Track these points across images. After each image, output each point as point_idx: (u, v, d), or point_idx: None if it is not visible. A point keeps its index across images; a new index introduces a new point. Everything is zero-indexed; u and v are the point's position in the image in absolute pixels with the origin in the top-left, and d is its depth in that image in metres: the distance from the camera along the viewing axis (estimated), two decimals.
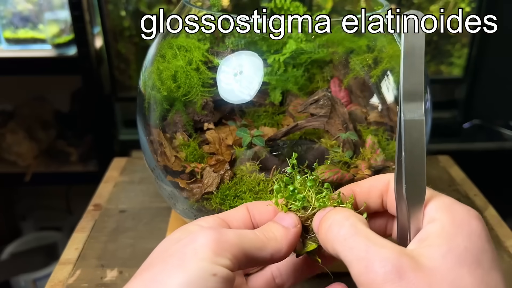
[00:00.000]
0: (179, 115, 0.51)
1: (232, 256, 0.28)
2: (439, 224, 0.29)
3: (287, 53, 0.50)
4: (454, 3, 1.24)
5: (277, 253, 0.31)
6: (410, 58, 0.29)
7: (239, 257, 0.29)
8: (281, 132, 0.48)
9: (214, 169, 0.49)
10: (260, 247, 0.30)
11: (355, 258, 0.28)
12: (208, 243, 0.28)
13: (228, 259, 0.28)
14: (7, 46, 1.23)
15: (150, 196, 0.73)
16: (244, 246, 0.29)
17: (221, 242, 0.28)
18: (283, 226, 0.32)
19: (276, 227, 0.32)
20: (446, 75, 1.34)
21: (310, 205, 0.33)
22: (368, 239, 0.28)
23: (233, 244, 0.29)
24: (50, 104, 1.43)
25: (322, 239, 0.32)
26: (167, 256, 0.29)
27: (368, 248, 0.28)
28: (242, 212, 0.34)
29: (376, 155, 0.47)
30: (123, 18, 1.23)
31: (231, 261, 0.28)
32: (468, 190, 0.75)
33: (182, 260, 0.27)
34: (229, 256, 0.28)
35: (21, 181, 1.32)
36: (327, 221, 0.31)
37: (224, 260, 0.28)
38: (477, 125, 1.36)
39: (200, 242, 0.28)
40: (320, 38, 0.53)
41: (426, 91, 0.53)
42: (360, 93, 0.53)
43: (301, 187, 0.34)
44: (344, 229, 0.29)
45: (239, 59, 0.48)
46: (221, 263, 0.28)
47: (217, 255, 0.28)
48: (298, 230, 0.33)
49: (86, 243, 0.63)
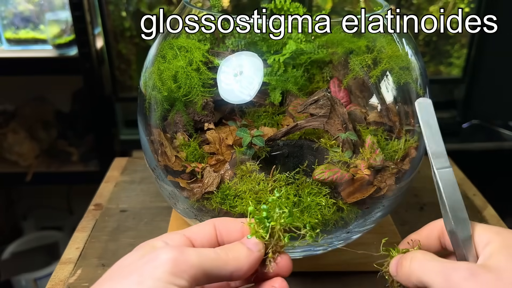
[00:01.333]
0: (180, 115, 0.51)
1: (190, 276, 0.30)
2: (495, 244, 0.36)
3: (287, 53, 0.50)
4: (453, 4, 1.24)
5: (237, 272, 0.33)
6: (429, 130, 0.39)
7: (198, 276, 0.31)
8: (281, 132, 0.48)
9: (214, 169, 0.49)
10: (221, 265, 0.32)
11: (435, 275, 0.34)
12: (167, 263, 0.30)
13: (184, 280, 0.30)
14: (8, 46, 1.23)
15: (151, 195, 0.74)
16: (204, 266, 0.31)
17: (180, 262, 0.30)
18: (248, 248, 0.34)
19: (240, 248, 0.34)
20: (445, 75, 1.34)
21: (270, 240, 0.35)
22: (443, 261, 0.35)
23: (193, 264, 0.31)
24: (51, 104, 1.44)
25: (406, 273, 0.37)
26: (127, 271, 0.31)
27: (445, 265, 0.35)
28: (208, 229, 0.36)
29: (375, 155, 0.47)
30: (124, 18, 1.23)
31: (187, 282, 0.30)
32: (467, 190, 0.75)
33: (141, 277, 0.30)
34: (186, 277, 0.30)
35: (22, 180, 1.32)
36: (408, 260, 0.38)
37: (180, 281, 0.30)
38: (476, 125, 1.37)
39: (159, 261, 0.30)
40: (320, 39, 0.53)
41: (426, 91, 0.53)
42: (359, 93, 0.53)
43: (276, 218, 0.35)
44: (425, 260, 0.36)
45: (239, 60, 0.49)
46: (177, 283, 0.30)
47: (174, 276, 0.30)
48: (261, 254, 0.34)
49: (87, 242, 0.63)
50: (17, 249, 1.44)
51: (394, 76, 0.51)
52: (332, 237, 0.51)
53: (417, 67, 0.53)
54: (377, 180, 0.49)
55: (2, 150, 1.35)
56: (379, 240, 0.62)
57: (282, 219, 0.34)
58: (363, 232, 0.54)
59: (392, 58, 0.51)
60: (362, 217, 0.50)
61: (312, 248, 0.52)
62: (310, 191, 0.46)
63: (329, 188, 0.46)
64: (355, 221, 0.50)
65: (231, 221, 0.36)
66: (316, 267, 0.57)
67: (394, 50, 0.51)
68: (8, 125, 1.36)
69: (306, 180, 0.46)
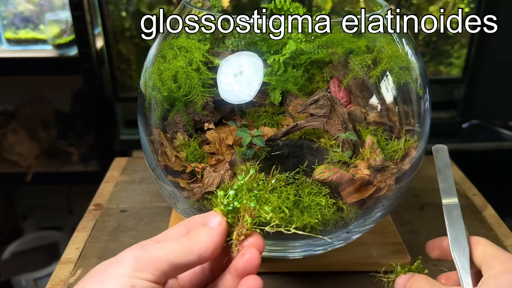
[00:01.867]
0: (180, 115, 0.51)
1: (155, 269, 0.31)
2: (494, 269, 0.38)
3: (286, 53, 0.50)
4: (453, 4, 1.24)
5: (204, 253, 0.33)
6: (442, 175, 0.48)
7: (164, 268, 0.32)
8: (281, 132, 0.49)
9: (214, 169, 0.49)
10: (186, 253, 0.33)
11: None
12: (129, 261, 0.31)
13: (149, 273, 0.31)
14: (8, 46, 1.23)
15: (151, 195, 0.74)
16: (168, 258, 0.32)
17: (142, 258, 0.31)
18: (209, 227, 0.34)
19: (201, 229, 0.34)
20: (445, 75, 1.34)
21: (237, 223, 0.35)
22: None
23: (155, 258, 0.32)
24: (51, 104, 1.44)
25: None
26: (95, 274, 0.32)
27: None
28: (176, 230, 0.37)
29: (375, 155, 0.47)
30: (124, 18, 1.23)
31: (153, 275, 0.31)
32: (467, 190, 0.75)
33: (106, 277, 0.31)
34: (150, 270, 0.31)
35: (22, 180, 1.32)
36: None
37: (144, 274, 0.31)
38: (476, 125, 1.37)
39: (122, 261, 0.32)
40: (320, 39, 0.53)
41: (426, 91, 0.53)
42: (359, 93, 0.53)
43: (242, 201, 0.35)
44: None
45: (239, 60, 0.49)
46: (141, 276, 0.31)
47: (137, 271, 0.31)
48: (223, 228, 0.34)
49: (87, 242, 0.63)
50: (17, 249, 1.45)
51: (394, 76, 0.51)
52: (332, 237, 0.51)
53: (417, 67, 0.53)
54: (377, 180, 0.49)
55: (2, 150, 1.35)
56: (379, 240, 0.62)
57: (250, 202, 0.34)
58: (363, 232, 0.54)
59: (392, 58, 0.51)
60: (362, 217, 0.50)
61: (312, 248, 0.52)
62: (310, 191, 0.46)
63: (329, 188, 0.46)
64: (355, 221, 0.50)
65: (200, 216, 0.37)
66: (316, 267, 0.57)
67: (394, 50, 0.51)
68: (8, 125, 1.36)
69: (306, 180, 0.46)
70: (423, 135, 0.53)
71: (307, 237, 0.49)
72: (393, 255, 0.58)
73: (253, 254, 0.33)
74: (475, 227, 0.67)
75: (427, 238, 0.63)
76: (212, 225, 0.34)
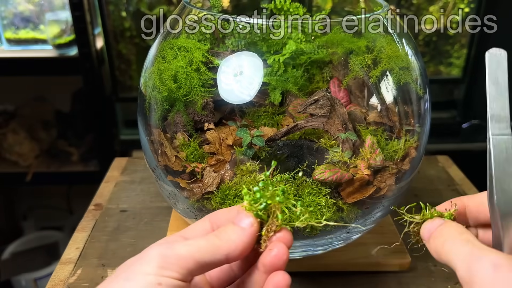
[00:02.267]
0: (180, 115, 0.51)
1: (181, 268, 0.30)
2: None
3: (286, 53, 0.50)
4: (453, 4, 1.24)
5: (232, 253, 0.32)
6: (495, 88, 0.34)
7: (190, 266, 0.31)
8: (281, 132, 0.49)
9: (214, 169, 0.49)
10: (213, 251, 0.32)
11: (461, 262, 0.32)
12: (155, 258, 0.31)
13: (175, 272, 0.30)
14: (8, 46, 1.23)
15: (151, 195, 0.74)
16: (195, 255, 0.31)
17: (168, 256, 0.31)
18: (240, 227, 0.33)
19: (231, 228, 0.33)
20: (445, 75, 1.34)
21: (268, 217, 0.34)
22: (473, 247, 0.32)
23: (182, 256, 0.31)
24: (51, 104, 1.44)
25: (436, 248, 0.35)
26: (121, 271, 0.31)
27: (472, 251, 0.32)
28: (201, 225, 0.36)
29: (375, 155, 0.47)
30: (124, 18, 1.23)
31: (178, 273, 0.30)
32: (467, 190, 0.75)
33: (130, 274, 0.30)
34: (176, 268, 0.30)
35: (22, 181, 1.32)
36: (442, 237, 0.35)
37: (170, 273, 0.30)
38: (476, 125, 1.37)
39: (148, 258, 0.31)
40: (320, 39, 0.53)
41: (426, 91, 0.53)
42: (359, 93, 0.53)
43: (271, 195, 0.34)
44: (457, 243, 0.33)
45: (239, 60, 0.49)
46: (167, 275, 0.30)
47: (163, 269, 0.30)
48: (255, 229, 0.33)
49: (87, 242, 0.63)
50: (17, 249, 1.45)
51: (394, 76, 0.51)
52: (332, 237, 0.51)
53: (417, 67, 0.53)
54: (377, 180, 0.49)
55: (2, 150, 1.35)
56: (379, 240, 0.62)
57: (277, 197, 0.34)
58: (363, 232, 0.54)
59: (392, 58, 0.51)
60: (362, 217, 0.50)
61: (312, 248, 0.52)
62: (310, 191, 0.46)
63: (329, 188, 0.46)
64: (355, 221, 0.50)
65: (225, 211, 0.36)
66: (316, 267, 0.57)
67: (394, 50, 0.51)
68: (8, 125, 1.36)
69: (306, 180, 0.46)
70: (423, 135, 0.53)
71: (307, 237, 0.49)
72: (393, 255, 0.58)
73: (281, 249, 0.33)
74: None
75: None
76: (244, 225, 0.33)
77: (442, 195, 0.74)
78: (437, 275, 0.58)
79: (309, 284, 0.57)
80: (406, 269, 0.58)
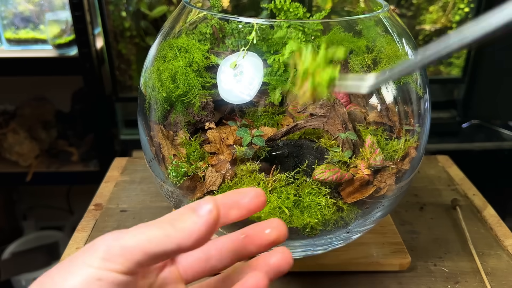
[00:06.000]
0: (180, 116, 0.51)
1: (125, 259, 0.28)
2: None
3: (286, 53, 0.50)
4: (453, 3, 1.24)
5: (184, 243, 0.29)
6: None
7: (137, 258, 0.28)
8: (281, 132, 0.49)
9: (215, 168, 0.49)
10: (164, 241, 0.29)
11: None
12: (100, 249, 0.29)
13: (119, 264, 0.28)
14: (8, 46, 1.23)
15: (151, 195, 0.74)
16: (142, 246, 0.28)
17: (113, 247, 0.29)
18: (196, 214, 0.29)
19: (189, 216, 0.29)
20: (445, 75, 1.34)
21: None
22: None
23: (127, 247, 0.28)
24: (51, 104, 1.44)
25: None
26: (66, 262, 0.30)
27: None
28: (175, 212, 0.32)
29: (375, 154, 0.48)
30: (124, 18, 1.23)
31: (123, 266, 0.28)
32: (467, 190, 0.75)
33: (75, 266, 0.29)
34: (120, 260, 0.28)
35: (23, 180, 1.32)
36: None
37: (114, 265, 0.28)
38: (476, 125, 1.37)
39: (93, 249, 0.29)
40: (320, 39, 0.53)
41: (426, 91, 0.53)
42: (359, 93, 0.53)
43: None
44: None
45: (239, 60, 0.49)
46: (110, 268, 0.28)
47: (106, 261, 0.28)
48: (213, 217, 0.29)
49: (87, 242, 0.63)
50: (17, 249, 1.45)
51: None
52: (332, 237, 0.51)
53: None
54: (377, 180, 0.49)
55: (2, 150, 1.35)
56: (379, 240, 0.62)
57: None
58: (363, 232, 0.54)
59: (392, 58, 0.51)
60: (362, 217, 0.50)
61: (312, 248, 0.52)
62: (310, 191, 0.46)
63: (329, 188, 0.46)
64: (355, 221, 0.50)
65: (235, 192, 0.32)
66: (316, 267, 0.57)
67: (394, 50, 0.51)
68: (8, 125, 1.37)
69: (306, 180, 0.46)
70: (423, 135, 0.53)
71: (307, 237, 0.49)
72: (393, 255, 0.58)
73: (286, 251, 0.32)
74: (475, 227, 0.67)
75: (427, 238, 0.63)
76: (202, 212, 0.29)
77: (442, 195, 0.74)
78: (437, 275, 0.58)
79: (309, 284, 0.57)
80: (406, 269, 0.58)
